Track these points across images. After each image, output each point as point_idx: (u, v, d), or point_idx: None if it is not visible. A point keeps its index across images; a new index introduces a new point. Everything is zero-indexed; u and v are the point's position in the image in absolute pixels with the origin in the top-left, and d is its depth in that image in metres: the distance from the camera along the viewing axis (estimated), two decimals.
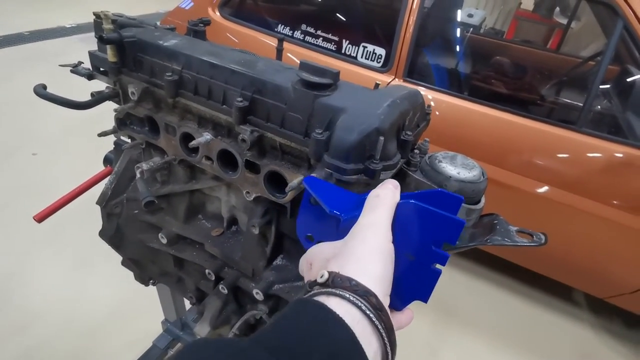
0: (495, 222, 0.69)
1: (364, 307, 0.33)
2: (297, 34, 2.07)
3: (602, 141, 1.65)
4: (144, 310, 1.81)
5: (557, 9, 4.62)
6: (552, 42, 4.52)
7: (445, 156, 0.66)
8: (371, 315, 0.33)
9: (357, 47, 1.93)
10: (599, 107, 2.10)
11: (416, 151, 0.66)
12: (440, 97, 1.85)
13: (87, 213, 1.45)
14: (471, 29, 3.28)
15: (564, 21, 4.52)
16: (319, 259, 0.42)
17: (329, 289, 0.34)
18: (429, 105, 0.75)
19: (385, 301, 0.36)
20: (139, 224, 0.91)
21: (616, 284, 1.84)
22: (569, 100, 2.19)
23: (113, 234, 0.92)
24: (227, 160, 0.73)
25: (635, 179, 1.59)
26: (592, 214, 1.70)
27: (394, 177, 0.60)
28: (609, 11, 1.62)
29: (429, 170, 0.64)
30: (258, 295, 0.78)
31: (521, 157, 1.77)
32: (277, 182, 0.69)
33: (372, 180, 0.55)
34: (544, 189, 1.75)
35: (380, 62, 1.90)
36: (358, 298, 0.33)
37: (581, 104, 1.76)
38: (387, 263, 0.38)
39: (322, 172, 0.56)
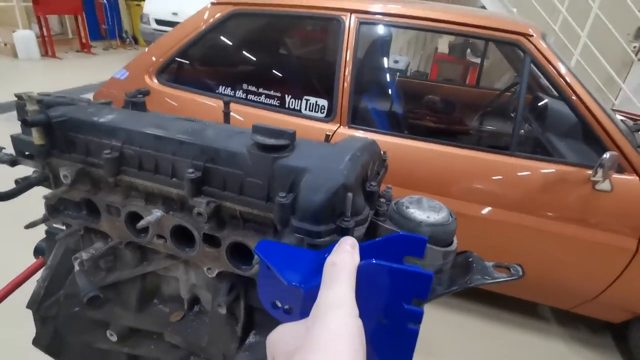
0: (470, 259, 0.68)
1: None
2: (239, 93, 2.08)
3: (534, 161, 1.79)
4: None
5: (468, 50, 5.22)
6: (469, 78, 5.05)
7: (411, 201, 0.66)
8: None
9: (300, 101, 1.98)
10: (523, 131, 2.32)
11: (382, 200, 0.64)
12: (383, 139, 1.92)
13: (19, 315, 1.25)
14: (398, 73, 3.57)
15: (475, 59, 5.12)
16: (280, 353, 0.37)
17: None
18: (385, 152, 0.76)
19: None
20: (81, 323, 0.79)
21: (577, 293, 1.92)
22: (498, 128, 2.40)
23: (50, 341, 0.78)
24: (182, 236, 0.66)
25: (569, 191, 1.73)
26: (539, 229, 1.80)
27: (366, 230, 0.58)
28: (517, 50, 1.84)
29: (398, 217, 0.63)
30: None
31: (464, 185, 1.86)
32: (241, 253, 0.63)
33: None
34: (490, 211, 1.84)
35: (324, 112, 1.95)
36: None
37: (510, 131, 1.93)
38: (356, 349, 0.34)
39: (292, 237, 0.52)
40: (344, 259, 0.39)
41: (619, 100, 4.75)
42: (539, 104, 2.43)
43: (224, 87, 2.13)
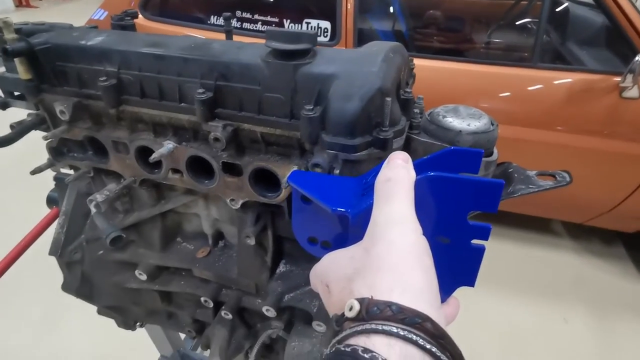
0: (511, 170, 0.63)
1: (421, 341, 0.24)
2: (233, 22, 1.92)
3: (558, 72, 1.68)
4: (133, 351, 1.65)
5: None
6: None
7: (447, 110, 0.59)
8: (434, 349, 0.24)
9: (300, 25, 1.82)
10: (542, 42, 2.15)
11: (415, 110, 0.58)
12: None
13: (43, 262, 1.26)
14: None
15: None
16: (337, 279, 0.33)
17: (366, 325, 0.25)
18: (412, 59, 0.67)
19: (440, 319, 0.27)
20: (108, 265, 0.77)
21: (595, 207, 1.91)
22: (516, 41, 2.22)
23: (79, 285, 0.78)
24: (199, 167, 0.61)
25: (595, 101, 1.64)
26: (561, 144, 1.74)
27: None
28: None
29: (435, 128, 0.57)
30: (269, 312, 0.68)
31: (482, 104, 1.76)
32: (265, 179, 0.58)
33: (385, 152, 0.46)
34: (509, 130, 1.76)
35: (327, 35, 1.80)
36: (409, 329, 0.24)
37: (529, 43, 1.78)
38: (427, 267, 0.30)
39: (324, 155, 0.47)
40: (399, 173, 0.34)
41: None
42: (558, 10, 2.23)
43: (216, 17, 1.95)
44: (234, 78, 0.51)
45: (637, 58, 1.43)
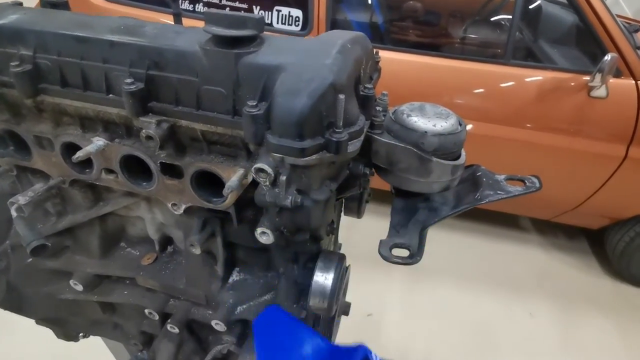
0: (479, 174, 0.59)
1: None
2: (199, 7, 1.81)
3: (531, 70, 1.67)
4: (88, 356, 1.55)
5: None
6: None
7: (412, 108, 0.54)
8: None
9: (270, 13, 1.74)
10: (514, 39, 2.14)
11: (378, 108, 0.53)
12: None
13: None
14: None
15: None
16: None
17: None
18: (377, 52, 0.62)
19: None
20: (39, 274, 0.69)
21: (561, 204, 1.94)
22: (490, 37, 2.22)
23: (5, 297, 0.69)
24: (136, 168, 0.54)
25: (564, 100, 1.64)
26: (530, 142, 1.74)
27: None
28: None
29: (399, 128, 0.52)
30: (218, 325, 0.62)
31: (454, 99, 1.74)
32: (209, 182, 0.52)
33: (339, 155, 0.41)
34: (485, 127, 1.75)
35: (298, 24, 1.73)
36: None
37: (503, 39, 1.77)
38: None
39: (268, 158, 0.41)
40: None
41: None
42: (531, 8, 2.23)
43: (181, 0, 1.84)
44: (168, 67, 0.44)
45: (606, 58, 1.43)
